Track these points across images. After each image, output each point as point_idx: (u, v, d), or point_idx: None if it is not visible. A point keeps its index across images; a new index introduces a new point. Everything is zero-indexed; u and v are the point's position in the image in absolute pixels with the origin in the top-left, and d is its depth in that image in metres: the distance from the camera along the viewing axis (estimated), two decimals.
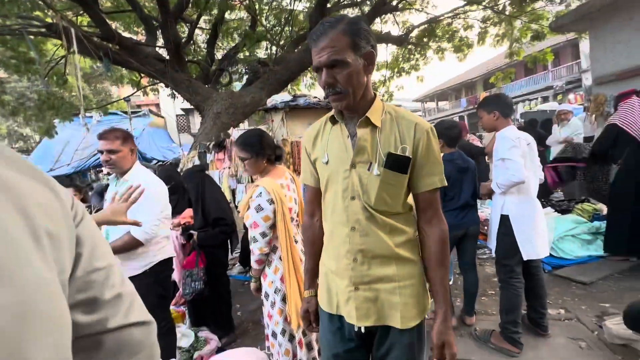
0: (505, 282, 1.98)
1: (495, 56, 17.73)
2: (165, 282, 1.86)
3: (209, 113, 6.27)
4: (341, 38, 0.84)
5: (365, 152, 0.93)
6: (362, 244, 0.95)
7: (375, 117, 0.92)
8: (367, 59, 0.88)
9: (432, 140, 0.93)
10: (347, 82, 0.86)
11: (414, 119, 0.93)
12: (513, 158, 1.85)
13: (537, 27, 7.29)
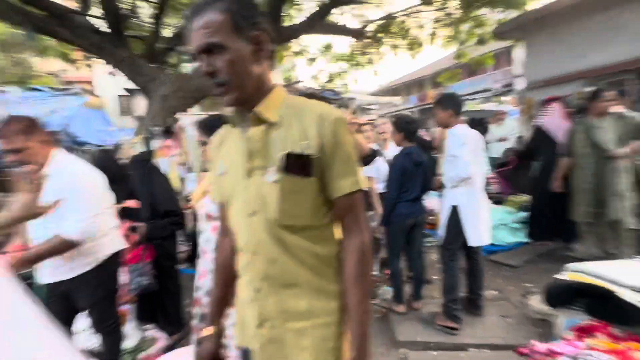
0: (446, 265, 2.19)
1: (443, 56, 18.86)
2: (114, 277, 1.73)
3: (155, 95, 5.79)
4: (218, 17, 0.70)
5: (258, 156, 0.77)
6: (266, 270, 0.78)
7: (270, 111, 0.77)
8: (256, 43, 0.74)
9: (341, 132, 0.76)
10: (230, 71, 0.71)
11: (319, 109, 0.77)
12: (462, 155, 2.03)
13: (481, 32, 7.88)
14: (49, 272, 1.54)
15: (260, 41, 0.74)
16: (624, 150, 2.48)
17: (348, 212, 0.79)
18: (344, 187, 0.76)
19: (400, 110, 24.91)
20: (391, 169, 2.35)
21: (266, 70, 0.78)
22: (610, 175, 2.51)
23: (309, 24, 7.18)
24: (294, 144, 0.75)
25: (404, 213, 2.28)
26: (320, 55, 9.57)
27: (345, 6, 8.13)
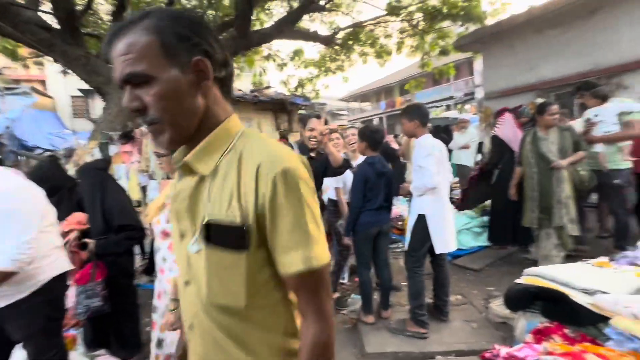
0: (411, 271, 2.23)
1: (410, 64, 19.61)
2: (57, 302, 1.57)
3: (114, 98, 5.43)
4: (142, 39, 0.55)
5: (184, 217, 0.64)
6: (200, 352, 0.66)
7: (204, 159, 0.62)
8: (197, 71, 0.59)
9: (286, 190, 0.57)
10: (161, 107, 0.57)
11: (262, 156, 0.59)
12: (427, 166, 2.08)
13: (444, 43, 8.27)
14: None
15: (203, 69, 0.59)
16: (565, 162, 2.66)
17: (301, 294, 0.61)
18: (289, 263, 0.58)
19: (369, 116, 25.56)
20: (354, 178, 2.35)
21: (214, 102, 0.63)
22: (554, 185, 2.68)
23: (279, 29, 7.14)
24: (222, 205, 0.59)
25: (368, 222, 2.29)
26: (290, 60, 9.55)
27: (316, 13, 8.20)
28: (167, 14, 0.58)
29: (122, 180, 4.71)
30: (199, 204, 0.62)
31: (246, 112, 5.18)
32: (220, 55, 0.61)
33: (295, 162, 0.60)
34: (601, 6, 4.94)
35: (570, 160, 2.66)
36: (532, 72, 5.84)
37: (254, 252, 0.60)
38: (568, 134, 2.73)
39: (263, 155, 0.59)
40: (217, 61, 0.61)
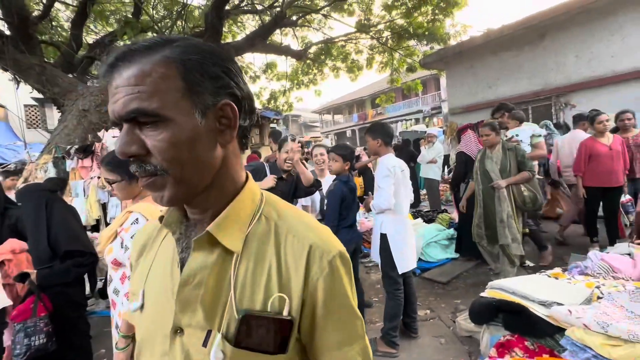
0: (391, 293, 2.21)
1: (380, 79, 20.31)
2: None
3: (71, 109, 5.12)
4: (162, 71, 0.43)
5: (196, 306, 0.47)
6: None
7: (231, 231, 0.49)
8: (222, 117, 0.47)
9: (342, 279, 0.50)
10: (168, 157, 0.44)
11: (310, 237, 0.50)
12: (385, 187, 2.11)
13: (410, 61, 8.67)
14: None
15: (229, 115, 0.47)
16: (504, 182, 2.74)
17: None
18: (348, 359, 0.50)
19: (342, 128, 25.96)
20: (331, 197, 2.31)
21: (234, 155, 0.51)
22: (496, 203, 2.77)
23: (250, 43, 7.14)
24: (258, 293, 0.47)
25: (345, 240, 2.27)
26: (263, 73, 9.56)
27: (288, 28, 8.31)
28: (195, 46, 0.47)
29: (80, 198, 4.41)
30: (222, 290, 0.48)
31: None
32: (248, 101, 0.51)
33: (341, 245, 0.53)
34: (549, 31, 5.40)
35: (511, 180, 2.73)
36: (490, 90, 6.22)
37: (289, 358, 0.48)
38: (512, 154, 2.80)
39: (314, 236, 0.50)
40: (244, 107, 0.50)
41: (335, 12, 8.23)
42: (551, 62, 5.48)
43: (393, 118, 20.60)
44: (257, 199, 0.54)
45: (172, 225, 0.54)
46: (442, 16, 7.44)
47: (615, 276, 2.16)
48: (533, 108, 5.88)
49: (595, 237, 3.50)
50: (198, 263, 0.48)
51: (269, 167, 2.36)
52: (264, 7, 7.61)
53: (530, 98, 5.73)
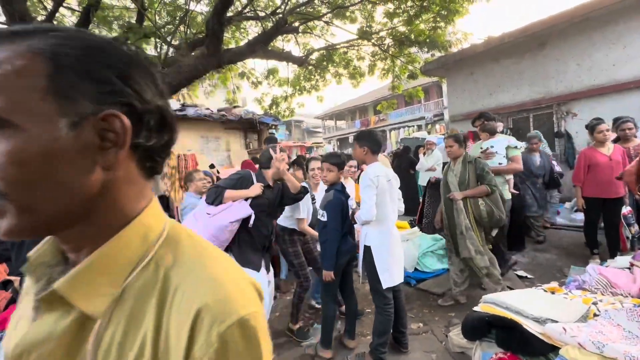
0: (380, 308, 2.12)
1: (383, 86, 20.36)
2: None
3: None
4: (17, 63, 0.33)
5: None
6: None
7: (95, 287, 0.37)
8: (107, 131, 0.36)
9: (243, 354, 0.36)
10: (10, 175, 0.33)
11: (201, 295, 0.37)
12: (365, 198, 2.04)
13: (412, 68, 8.66)
14: None
15: (114, 129, 0.36)
16: (459, 194, 2.69)
17: None
18: None
19: (345, 134, 25.99)
20: (331, 207, 2.19)
21: (126, 181, 0.40)
22: (455, 215, 2.72)
23: (252, 49, 7.17)
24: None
25: (343, 250, 2.21)
26: (265, 79, 9.60)
27: (289, 34, 8.35)
28: (81, 39, 0.36)
29: None
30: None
31: (215, 131, 5.07)
32: (157, 117, 0.40)
33: (253, 305, 0.39)
34: (550, 39, 5.37)
35: (467, 193, 2.69)
36: (491, 98, 6.19)
37: None
38: (472, 167, 2.74)
39: (208, 294, 0.36)
40: (147, 122, 0.39)
41: (337, 19, 8.27)
42: (552, 70, 5.44)
43: (395, 124, 20.59)
44: (152, 236, 0.40)
45: (40, 267, 0.40)
46: (443, 24, 7.44)
47: (614, 292, 2.09)
48: (534, 116, 5.82)
49: (596, 249, 3.42)
50: (41, 332, 0.36)
51: (255, 176, 2.30)
52: (266, 14, 7.67)
53: (531, 106, 5.68)
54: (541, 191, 4.18)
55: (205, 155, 4.97)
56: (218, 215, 2.02)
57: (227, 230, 2.01)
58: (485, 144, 3.31)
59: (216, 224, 1.99)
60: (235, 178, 2.20)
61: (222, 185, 2.13)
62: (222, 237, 2.02)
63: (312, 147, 19.21)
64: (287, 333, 2.61)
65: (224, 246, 2.09)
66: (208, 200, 2.10)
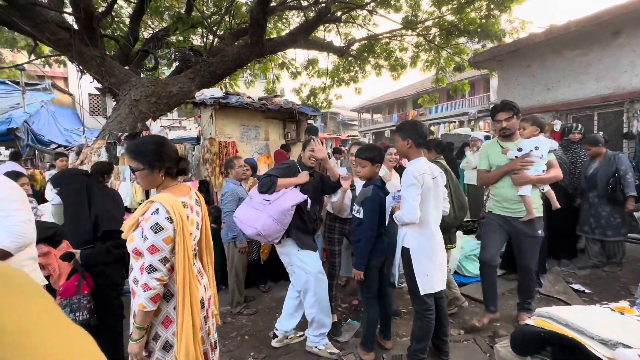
0: (419, 313, 1.99)
1: (424, 78, 19.51)
2: None
3: (124, 99, 5.49)
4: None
5: None
6: None
7: None
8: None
9: None
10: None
11: None
12: (409, 198, 1.86)
13: (459, 59, 8.16)
14: None
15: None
16: None
17: None
18: None
19: (381, 127, 25.41)
20: (368, 204, 2.04)
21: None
22: None
23: (293, 39, 7.16)
24: None
25: (378, 250, 2.10)
26: (304, 70, 9.57)
27: (331, 24, 8.22)
28: None
29: (127, 182, 4.70)
30: None
31: (255, 119, 5.13)
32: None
33: None
34: (625, 28, 4.76)
35: None
36: (549, 93, 5.65)
37: None
38: None
39: None
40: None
41: (381, 8, 7.97)
42: (625, 62, 4.82)
43: (435, 119, 19.71)
44: None
45: None
46: (498, 12, 6.90)
47: None
48: (600, 115, 5.22)
49: None
50: None
51: (299, 164, 2.42)
52: (309, 3, 7.59)
53: (596, 103, 5.10)
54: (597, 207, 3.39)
55: (244, 143, 5.06)
56: (277, 201, 2.16)
57: (289, 213, 2.15)
58: (528, 143, 2.36)
59: (279, 208, 2.13)
60: (283, 167, 2.35)
61: (274, 174, 2.24)
62: (285, 220, 2.15)
63: (347, 140, 19.03)
64: None
65: (284, 230, 2.19)
66: (262, 189, 2.20)
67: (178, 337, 1.22)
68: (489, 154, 2.54)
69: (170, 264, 1.22)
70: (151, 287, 1.17)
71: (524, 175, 2.34)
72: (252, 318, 2.85)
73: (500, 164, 2.45)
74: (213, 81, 6.33)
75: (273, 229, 2.15)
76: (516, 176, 2.37)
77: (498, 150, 2.48)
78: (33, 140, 8.23)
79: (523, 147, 2.37)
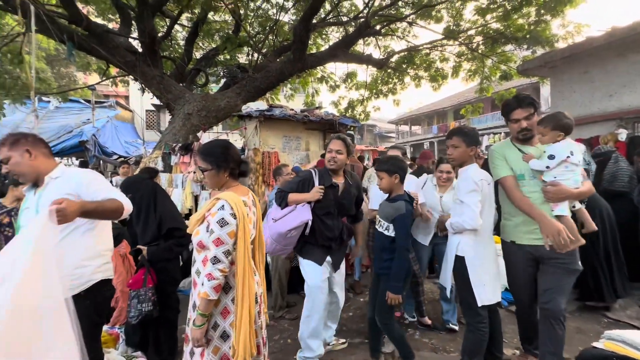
0: (472, 326, 1.91)
1: (465, 89, 18.84)
2: (102, 306, 1.62)
3: (179, 113, 5.98)
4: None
5: None
6: None
7: None
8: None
9: None
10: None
11: None
12: (470, 204, 1.81)
13: (505, 68, 7.81)
14: None
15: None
16: None
17: None
18: None
19: (420, 139, 24.83)
20: (401, 220, 1.94)
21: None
22: None
23: (333, 53, 7.36)
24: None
25: (409, 267, 2.03)
26: (342, 82, 9.75)
27: (370, 37, 8.33)
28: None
29: (179, 189, 5.08)
30: None
31: (296, 131, 5.32)
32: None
33: None
34: None
35: None
36: (611, 100, 5.20)
37: None
38: None
39: None
40: None
41: (421, 19, 7.94)
42: None
43: (479, 131, 18.86)
44: None
45: None
46: (549, 16, 6.56)
47: None
48: None
49: None
50: None
51: (318, 174, 2.22)
52: (348, 19, 7.79)
53: None
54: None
55: (286, 153, 5.24)
56: (279, 222, 2.12)
57: (287, 237, 2.10)
58: (561, 147, 1.79)
59: (278, 230, 2.10)
60: (295, 181, 2.25)
61: (285, 190, 2.19)
62: (283, 242, 2.12)
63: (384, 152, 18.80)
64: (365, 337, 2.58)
65: (287, 247, 2.16)
66: (277, 202, 2.22)
67: (236, 328, 1.30)
68: (506, 156, 1.95)
69: (232, 257, 1.32)
70: (215, 277, 1.27)
71: (562, 189, 1.76)
72: (293, 323, 2.90)
73: (523, 172, 1.88)
74: (257, 95, 6.68)
75: (273, 249, 2.15)
76: (554, 190, 1.76)
77: (517, 155, 1.93)
78: (99, 151, 9.21)
79: (556, 153, 1.78)
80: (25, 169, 1.46)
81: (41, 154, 1.50)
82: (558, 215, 1.78)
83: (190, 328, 1.35)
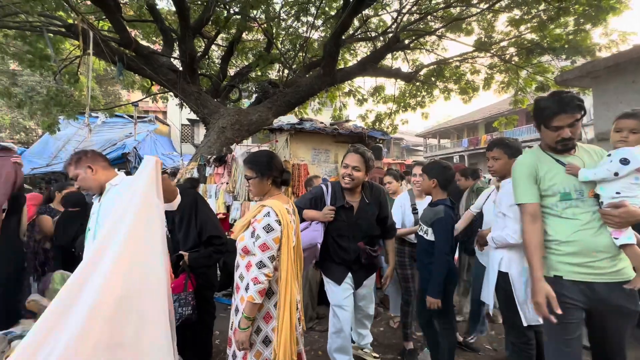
0: (516, 346, 1.81)
1: (498, 101, 18.24)
2: None
3: (214, 127, 6.28)
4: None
5: None
6: None
7: None
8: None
9: None
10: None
11: None
12: (513, 217, 1.74)
13: (542, 79, 7.53)
14: None
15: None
16: None
17: None
18: None
19: (449, 153, 24.26)
20: (443, 225, 1.93)
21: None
22: None
23: (362, 68, 7.48)
24: None
25: (453, 271, 2.00)
26: (370, 96, 9.83)
27: (399, 52, 8.39)
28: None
29: (212, 198, 5.29)
30: None
31: (325, 143, 5.41)
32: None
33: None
34: None
35: None
36: None
37: None
38: None
39: None
40: None
41: (450, 33, 7.90)
42: None
43: None
44: None
45: None
46: (590, 25, 6.30)
47: None
48: None
49: None
50: None
51: (331, 192, 2.06)
52: (377, 34, 7.92)
53: None
54: None
55: (315, 165, 5.34)
56: None
57: None
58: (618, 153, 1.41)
59: None
60: (307, 198, 2.16)
61: (300, 206, 2.07)
62: None
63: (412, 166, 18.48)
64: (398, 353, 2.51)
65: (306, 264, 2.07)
66: None
67: (278, 333, 1.33)
68: (539, 170, 1.53)
69: (275, 263, 1.37)
70: (260, 280, 1.32)
71: (632, 211, 1.32)
72: (324, 334, 2.88)
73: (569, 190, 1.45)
74: (287, 109, 6.89)
75: None
76: (619, 212, 1.32)
77: (556, 167, 1.51)
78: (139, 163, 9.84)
79: (631, 157, 1.34)
80: (90, 184, 1.62)
81: (100, 167, 1.66)
82: (623, 245, 1.36)
83: (234, 331, 1.40)
